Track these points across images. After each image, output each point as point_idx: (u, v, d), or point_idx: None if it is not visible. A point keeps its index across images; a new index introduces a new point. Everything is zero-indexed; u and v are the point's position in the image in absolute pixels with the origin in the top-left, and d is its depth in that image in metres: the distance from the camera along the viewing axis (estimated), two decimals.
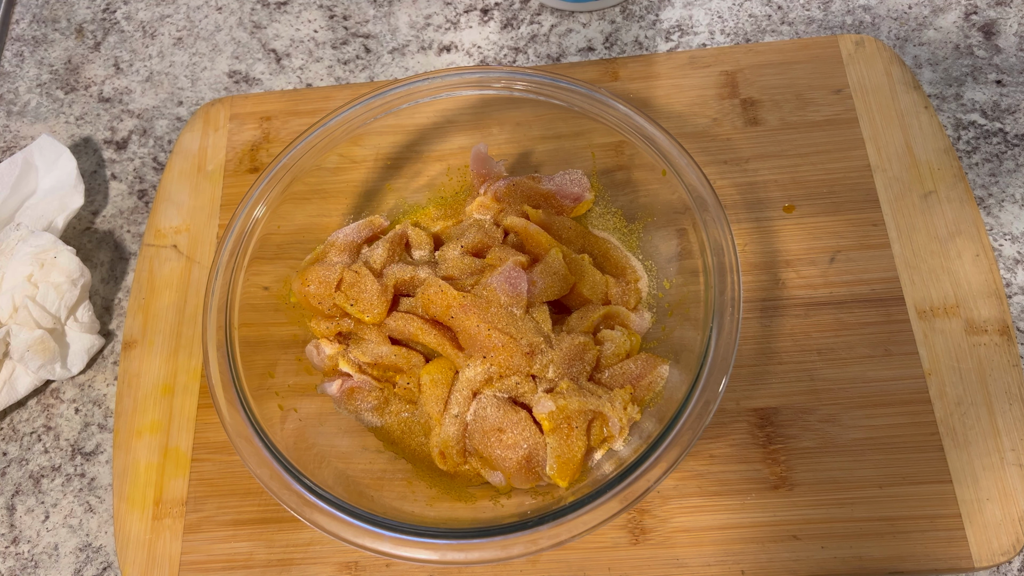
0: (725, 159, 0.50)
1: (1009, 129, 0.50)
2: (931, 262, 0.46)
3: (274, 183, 0.44)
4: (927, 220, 0.47)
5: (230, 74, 0.58)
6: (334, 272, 0.44)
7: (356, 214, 0.49)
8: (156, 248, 0.51)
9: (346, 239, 0.46)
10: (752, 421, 0.43)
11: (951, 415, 0.42)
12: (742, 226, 0.48)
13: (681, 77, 0.53)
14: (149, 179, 0.55)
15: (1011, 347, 0.43)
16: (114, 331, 0.50)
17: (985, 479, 0.41)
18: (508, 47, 0.56)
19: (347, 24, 0.59)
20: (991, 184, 0.49)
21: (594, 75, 0.53)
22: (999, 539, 0.40)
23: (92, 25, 0.62)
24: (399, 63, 0.57)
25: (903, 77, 0.51)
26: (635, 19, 0.56)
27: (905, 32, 0.54)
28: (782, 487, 0.41)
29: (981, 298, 0.45)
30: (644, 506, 0.42)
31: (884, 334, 0.44)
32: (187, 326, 0.49)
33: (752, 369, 0.44)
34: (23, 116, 0.59)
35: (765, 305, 0.46)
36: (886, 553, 0.40)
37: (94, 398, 0.49)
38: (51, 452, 0.47)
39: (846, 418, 0.43)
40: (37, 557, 0.45)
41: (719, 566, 0.40)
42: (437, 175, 0.50)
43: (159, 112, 0.58)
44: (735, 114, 0.51)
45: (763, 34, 0.54)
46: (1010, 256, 0.47)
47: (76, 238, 0.53)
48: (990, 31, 0.53)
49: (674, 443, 0.36)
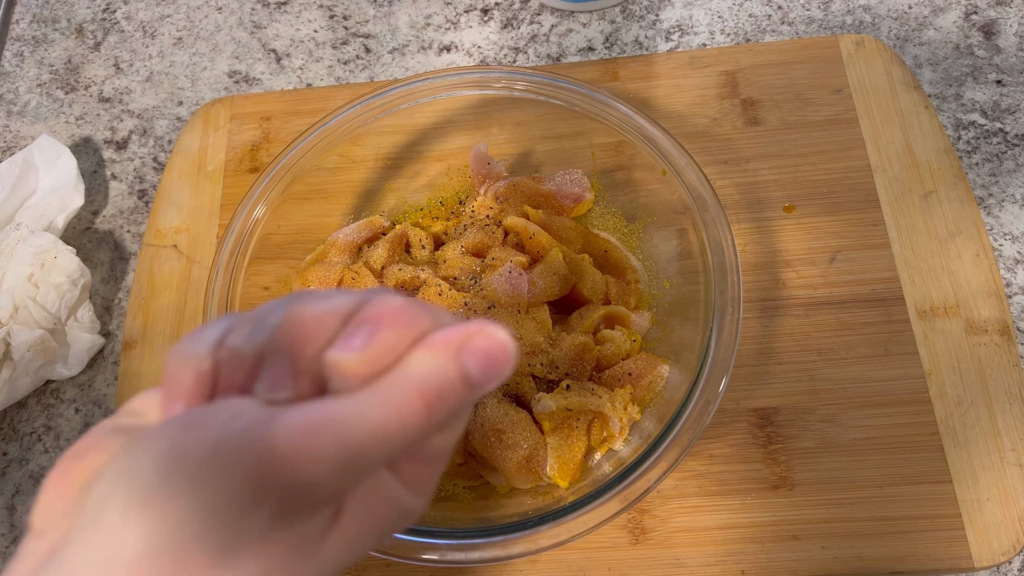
0: (725, 159, 0.50)
1: (1009, 129, 0.50)
2: (931, 262, 0.46)
3: (274, 183, 0.44)
4: (927, 220, 0.47)
5: (230, 74, 0.58)
6: (334, 272, 0.44)
7: (356, 214, 0.49)
8: (156, 248, 0.51)
9: (346, 239, 0.46)
10: (752, 421, 0.43)
11: (951, 415, 0.42)
12: (742, 226, 0.48)
13: (681, 77, 0.53)
14: (149, 179, 0.55)
15: (1011, 347, 0.43)
16: (114, 331, 0.50)
17: (985, 479, 0.41)
18: (508, 47, 0.56)
19: (347, 24, 0.59)
20: (991, 184, 0.49)
21: (594, 75, 0.53)
22: (999, 539, 0.40)
23: (92, 25, 0.62)
24: (399, 63, 0.57)
25: (903, 77, 0.51)
26: (635, 19, 0.56)
27: (905, 32, 0.54)
28: (782, 487, 0.41)
29: (981, 298, 0.45)
30: (644, 506, 0.42)
31: (884, 334, 0.44)
32: (187, 326, 0.49)
33: (752, 369, 0.44)
34: (23, 116, 0.59)
35: (765, 305, 0.46)
36: (886, 553, 0.40)
37: (94, 398, 0.49)
38: (51, 452, 0.47)
39: (846, 418, 0.43)
40: None
41: (719, 566, 0.40)
42: (437, 175, 0.50)
43: (159, 112, 0.58)
44: (735, 114, 0.51)
45: (763, 34, 0.54)
46: (1010, 256, 0.47)
47: (76, 238, 0.53)
48: (990, 31, 0.53)
49: (674, 443, 0.36)
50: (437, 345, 0.22)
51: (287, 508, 0.20)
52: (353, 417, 0.20)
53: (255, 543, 0.20)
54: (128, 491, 0.20)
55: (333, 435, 0.20)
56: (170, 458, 0.20)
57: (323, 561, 0.21)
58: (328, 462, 0.20)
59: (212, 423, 0.20)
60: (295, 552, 0.21)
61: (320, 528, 0.21)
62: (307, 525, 0.21)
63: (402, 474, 0.23)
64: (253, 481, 0.19)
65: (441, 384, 0.21)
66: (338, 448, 0.20)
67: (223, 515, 0.19)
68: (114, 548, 0.19)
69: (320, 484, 0.20)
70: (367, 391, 0.21)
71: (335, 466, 0.20)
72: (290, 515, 0.20)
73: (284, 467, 0.20)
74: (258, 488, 0.19)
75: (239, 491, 0.19)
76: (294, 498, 0.20)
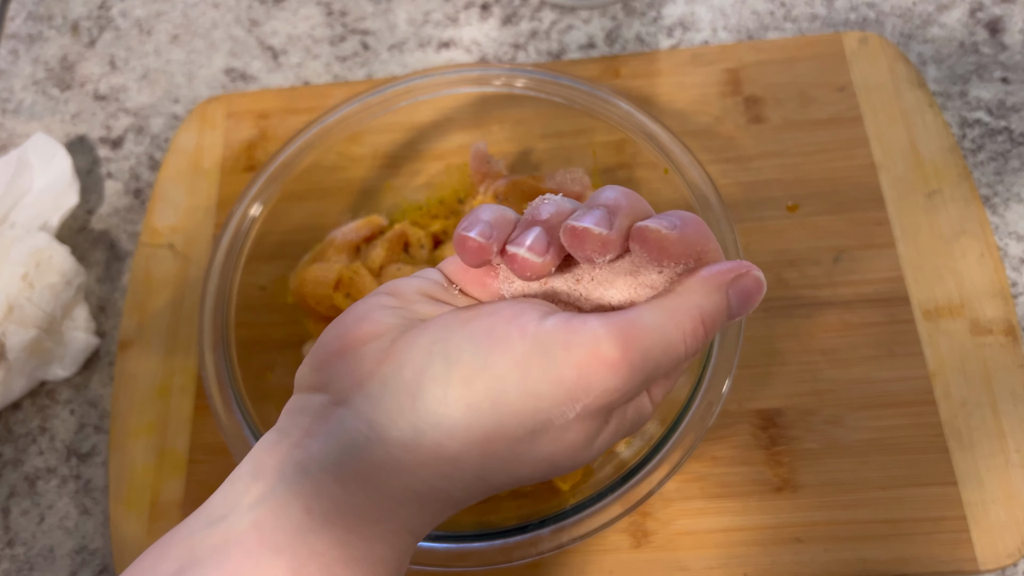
0: (728, 157, 0.49)
1: (1015, 127, 0.49)
2: (936, 262, 0.45)
3: (271, 182, 0.44)
4: (932, 219, 0.46)
5: (227, 71, 0.58)
6: (332, 272, 0.43)
7: (354, 213, 0.49)
8: (152, 247, 0.51)
9: (344, 238, 0.46)
10: (755, 423, 0.43)
11: (956, 416, 0.42)
12: (745, 225, 0.47)
13: (683, 74, 0.52)
14: (145, 178, 0.55)
15: (1017, 347, 0.43)
16: (110, 332, 0.50)
17: (990, 481, 0.40)
18: (508, 44, 0.56)
19: (345, 21, 0.59)
20: (996, 183, 0.48)
21: (595, 72, 0.53)
22: (1004, 541, 0.39)
23: (87, 22, 0.61)
24: (398, 60, 0.56)
25: (907, 75, 0.50)
26: (637, 15, 0.56)
27: (910, 29, 0.53)
28: (785, 489, 0.41)
29: (986, 298, 0.44)
30: (646, 509, 0.41)
31: (889, 335, 0.44)
32: (183, 326, 0.48)
33: (755, 370, 0.44)
34: (18, 114, 0.58)
35: (768, 305, 0.45)
36: (890, 556, 0.39)
37: (90, 399, 0.48)
38: (46, 454, 0.47)
39: (850, 419, 0.42)
40: (32, 560, 0.44)
41: (722, 569, 0.40)
42: (436, 174, 0.49)
43: (155, 110, 0.57)
44: (738, 112, 0.50)
45: (766, 31, 0.54)
46: (1016, 256, 0.46)
47: (71, 237, 0.53)
48: (996, 28, 0.52)
49: (676, 445, 0.36)
50: (712, 280, 0.25)
51: (592, 406, 0.23)
52: (655, 333, 0.23)
53: (556, 430, 0.23)
54: (452, 366, 0.23)
55: (641, 348, 0.23)
56: (507, 342, 0.23)
57: (591, 453, 0.25)
58: (635, 373, 0.23)
59: (531, 317, 0.24)
60: (579, 443, 0.24)
61: (601, 425, 0.24)
62: (595, 422, 0.24)
63: (652, 386, 0.27)
64: (574, 382, 0.22)
65: (715, 312, 0.25)
66: (644, 360, 0.23)
67: (543, 402, 0.23)
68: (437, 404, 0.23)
69: (626, 391, 0.23)
70: (658, 308, 0.24)
71: (640, 377, 0.23)
72: (591, 412, 0.23)
73: (604, 372, 0.23)
74: (578, 386, 0.22)
75: (567, 386, 0.22)
76: (602, 399, 0.23)
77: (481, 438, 0.23)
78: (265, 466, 0.23)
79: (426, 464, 0.23)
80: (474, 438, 0.23)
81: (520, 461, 0.23)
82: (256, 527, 0.22)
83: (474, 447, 0.23)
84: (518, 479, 0.24)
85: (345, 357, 0.24)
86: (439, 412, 0.22)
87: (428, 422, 0.23)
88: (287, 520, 0.22)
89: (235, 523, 0.22)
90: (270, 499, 0.22)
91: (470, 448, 0.23)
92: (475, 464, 0.23)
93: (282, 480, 0.22)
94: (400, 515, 0.23)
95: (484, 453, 0.23)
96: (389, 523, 0.23)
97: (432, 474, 0.23)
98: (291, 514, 0.22)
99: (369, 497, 0.22)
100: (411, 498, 0.23)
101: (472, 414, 0.22)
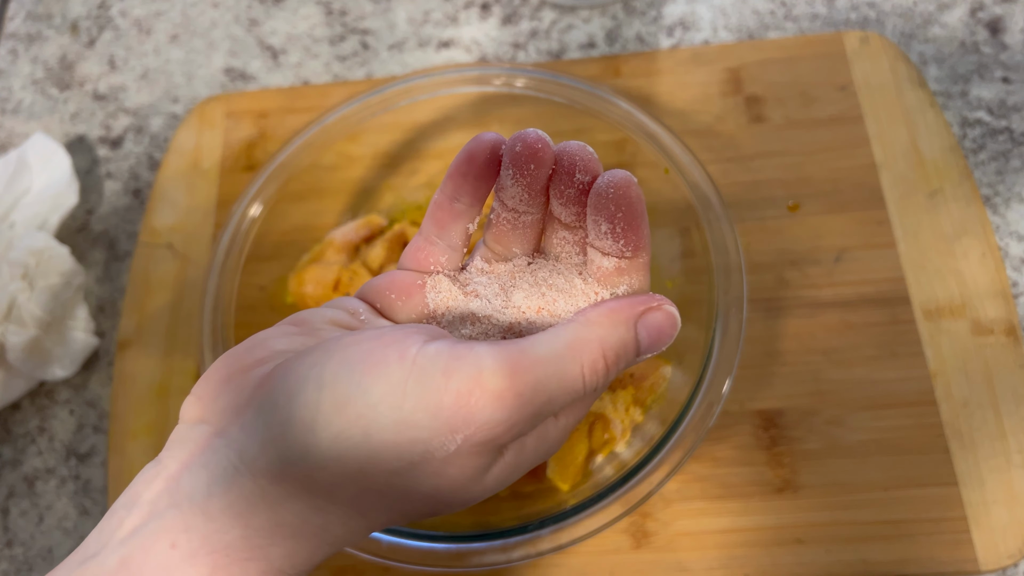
0: (729, 157, 0.49)
1: (1016, 127, 0.49)
2: (937, 262, 0.45)
3: (270, 181, 0.44)
4: (933, 219, 0.46)
5: (226, 71, 0.58)
6: (331, 272, 0.43)
7: (353, 213, 0.49)
8: (151, 247, 0.51)
9: (343, 238, 0.46)
10: (756, 423, 0.42)
11: (957, 417, 0.42)
12: (746, 225, 0.47)
13: (684, 74, 0.52)
14: (144, 177, 0.55)
15: (1018, 348, 0.43)
16: (109, 332, 0.50)
17: (991, 481, 0.40)
18: (508, 43, 0.56)
19: (345, 20, 0.58)
20: (997, 182, 0.48)
21: (595, 72, 0.53)
22: (1005, 542, 0.39)
23: (87, 22, 0.61)
24: (397, 59, 0.56)
25: (908, 74, 0.50)
26: (637, 15, 0.56)
27: (911, 28, 0.53)
28: (786, 490, 0.41)
29: (988, 298, 0.44)
30: (646, 509, 0.41)
31: (890, 335, 0.44)
32: (182, 326, 0.48)
33: (756, 370, 0.44)
34: (17, 114, 0.58)
35: (769, 305, 0.45)
36: (891, 556, 0.39)
37: (89, 399, 0.48)
38: (45, 454, 0.47)
39: (851, 420, 0.42)
40: (31, 560, 0.44)
41: (722, 570, 0.40)
42: (436, 173, 0.49)
43: (154, 110, 0.57)
44: (739, 111, 0.50)
45: (767, 30, 0.54)
46: (1017, 256, 0.46)
47: (71, 237, 0.53)
48: (996, 28, 0.52)
49: (677, 446, 0.36)
50: (619, 312, 0.24)
51: (475, 439, 0.21)
52: (550, 365, 0.22)
53: (437, 464, 0.21)
54: (333, 395, 0.21)
55: (531, 380, 0.22)
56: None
57: (483, 488, 0.23)
58: (524, 406, 0.21)
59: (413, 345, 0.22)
60: (465, 478, 0.22)
61: (491, 460, 0.23)
62: (482, 457, 0.22)
63: (559, 414, 0.25)
64: (453, 412, 0.21)
65: (619, 347, 0.23)
66: (534, 393, 0.22)
67: (421, 432, 0.21)
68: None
69: (513, 424, 0.22)
70: (555, 338, 0.23)
71: (530, 410, 0.22)
72: (476, 446, 0.22)
73: (487, 403, 0.21)
74: (458, 416, 0.21)
75: (445, 416, 0.21)
76: (485, 432, 0.21)
77: (355, 470, 0.21)
78: (141, 499, 0.22)
79: (296, 496, 0.21)
80: (347, 470, 0.21)
81: (400, 496, 0.22)
82: (124, 564, 0.21)
83: (347, 480, 0.21)
84: (403, 514, 0.23)
85: (229, 385, 0.23)
86: (306, 441, 0.21)
87: (296, 452, 0.21)
88: (153, 557, 0.21)
89: (105, 560, 0.21)
90: (140, 535, 0.21)
91: (343, 481, 0.21)
92: (351, 497, 0.22)
93: (153, 515, 0.21)
94: (271, 553, 0.22)
95: (359, 486, 0.21)
96: (259, 561, 0.21)
97: (304, 507, 0.21)
98: (158, 551, 0.21)
99: (239, 532, 0.21)
100: (284, 533, 0.21)
101: (342, 443, 0.21)
